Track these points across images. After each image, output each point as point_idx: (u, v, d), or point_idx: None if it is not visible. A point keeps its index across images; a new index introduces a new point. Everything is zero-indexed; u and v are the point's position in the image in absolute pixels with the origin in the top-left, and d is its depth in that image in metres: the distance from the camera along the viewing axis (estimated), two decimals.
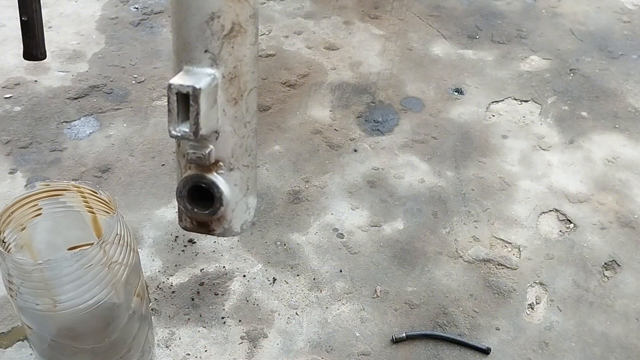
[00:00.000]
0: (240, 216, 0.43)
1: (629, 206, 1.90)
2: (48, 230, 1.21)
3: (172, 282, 1.62)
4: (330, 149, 2.05)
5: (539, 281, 1.68)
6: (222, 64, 0.38)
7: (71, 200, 1.19)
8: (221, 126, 0.39)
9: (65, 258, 1.05)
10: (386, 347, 1.51)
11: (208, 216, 0.41)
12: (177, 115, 0.36)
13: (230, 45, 0.37)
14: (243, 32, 0.38)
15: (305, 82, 2.32)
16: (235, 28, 0.37)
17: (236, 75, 0.38)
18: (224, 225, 0.42)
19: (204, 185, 0.40)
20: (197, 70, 0.37)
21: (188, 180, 0.40)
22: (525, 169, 2.01)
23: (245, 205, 0.43)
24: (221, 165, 0.40)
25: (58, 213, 1.20)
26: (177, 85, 0.35)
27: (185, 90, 0.35)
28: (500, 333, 1.55)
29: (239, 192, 0.41)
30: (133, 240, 1.17)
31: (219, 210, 0.41)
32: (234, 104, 0.39)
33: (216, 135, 0.39)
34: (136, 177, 1.91)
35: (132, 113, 2.14)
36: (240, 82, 0.38)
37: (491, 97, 2.30)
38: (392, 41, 2.55)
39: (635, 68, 2.46)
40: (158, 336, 1.50)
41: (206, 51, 0.37)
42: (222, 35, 0.37)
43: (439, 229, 1.80)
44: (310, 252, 1.71)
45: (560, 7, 2.82)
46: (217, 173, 0.40)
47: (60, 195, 1.18)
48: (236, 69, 0.38)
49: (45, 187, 1.17)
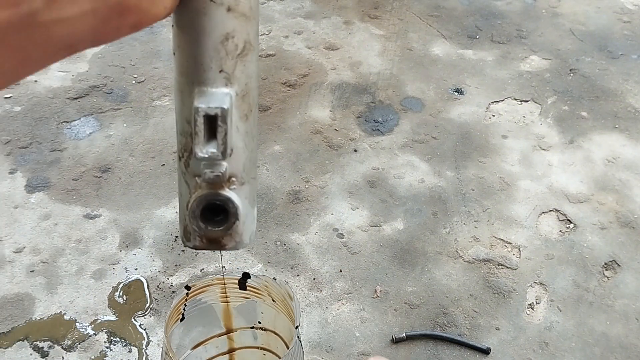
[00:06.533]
0: (249, 227, 0.44)
1: (629, 206, 1.90)
2: (179, 333, 1.11)
3: (172, 282, 1.62)
4: (330, 149, 2.05)
5: (539, 281, 1.68)
6: (236, 83, 0.39)
7: (209, 296, 1.09)
8: (235, 143, 0.39)
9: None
10: (386, 347, 1.51)
11: (222, 232, 0.42)
12: (204, 137, 0.37)
13: (243, 64, 0.38)
14: (252, 49, 0.39)
15: (305, 82, 2.32)
16: (247, 46, 0.38)
17: (247, 92, 0.39)
18: (236, 238, 0.43)
19: (219, 203, 0.41)
20: (213, 91, 0.38)
21: (202, 199, 0.41)
22: (525, 169, 2.01)
23: (252, 217, 0.44)
24: (234, 180, 0.41)
25: (193, 311, 1.09)
26: (205, 108, 0.36)
27: (213, 112, 0.36)
28: (500, 333, 1.55)
29: (248, 204, 0.42)
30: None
31: (234, 225, 0.41)
32: (245, 119, 0.40)
33: (230, 153, 0.40)
34: (136, 177, 1.90)
35: (132, 113, 2.14)
36: (250, 98, 0.39)
37: (491, 97, 2.30)
38: (392, 41, 2.55)
39: (635, 68, 2.46)
40: (158, 336, 1.50)
41: (221, 71, 0.38)
42: (236, 55, 0.38)
43: (439, 229, 1.80)
44: (310, 252, 1.71)
45: (560, 7, 2.81)
46: (229, 189, 0.41)
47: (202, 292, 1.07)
48: (247, 85, 0.39)
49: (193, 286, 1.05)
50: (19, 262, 1.65)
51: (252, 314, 1.12)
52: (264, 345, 1.16)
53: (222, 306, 1.11)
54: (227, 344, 1.16)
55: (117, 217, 1.78)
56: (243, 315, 1.12)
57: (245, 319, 1.13)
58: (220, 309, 1.11)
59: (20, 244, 1.69)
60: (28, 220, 1.76)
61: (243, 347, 1.17)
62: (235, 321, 1.13)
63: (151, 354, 1.47)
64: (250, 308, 1.11)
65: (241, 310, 1.11)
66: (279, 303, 1.08)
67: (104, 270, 1.64)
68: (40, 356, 1.46)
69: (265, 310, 1.11)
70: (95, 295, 1.59)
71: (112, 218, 1.78)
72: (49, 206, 1.80)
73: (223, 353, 1.16)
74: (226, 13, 0.37)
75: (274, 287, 1.06)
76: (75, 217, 1.77)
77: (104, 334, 1.51)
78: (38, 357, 1.46)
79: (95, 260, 1.67)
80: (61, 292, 1.59)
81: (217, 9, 0.36)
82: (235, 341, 1.16)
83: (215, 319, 1.12)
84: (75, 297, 1.58)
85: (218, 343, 1.15)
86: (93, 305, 1.57)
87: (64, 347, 1.48)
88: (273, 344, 1.14)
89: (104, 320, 1.54)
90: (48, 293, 1.58)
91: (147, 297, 1.59)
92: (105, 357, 1.47)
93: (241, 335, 1.15)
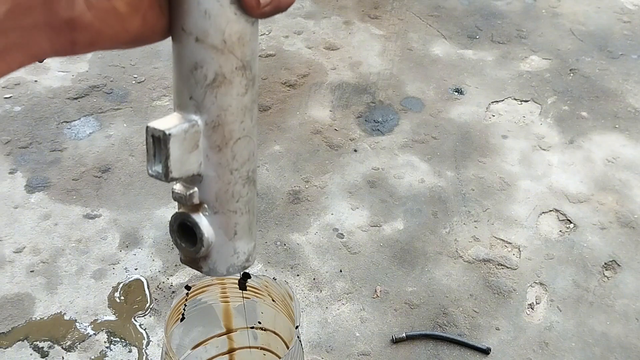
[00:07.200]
0: (227, 259, 0.45)
1: (629, 206, 1.90)
2: (179, 333, 1.10)
3: (172, 282, 1.62)
4: (330, 149, 2.05)
5: (539, 281, 1.68)
6: (205, 112, 0.40)
7: (209, 295, 1.09)
8: (204, 171, 0.41)
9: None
10: (386, 347, 1.51)
11: (193, 253, 0.44)
12: (152, 155, 0.38)
13: (213, 95, 0.39)
14: (228, 82, 0.39)
15: (305, 82, 2.32)
16: (219, 79, 0.39)
17: (219, 124, 0.40)
18: (209, 264, 0.45)
19: (188, 224, 0.43)
20: (181, 115, 0.39)
21: (178, 216, 0.43)
22: (525, 169, 2.01)
23: (232, 250, 0.45)
24: (205, 207, 0.42)
25: (193, 311, 1.09)
26: (152, 128, 0.38)
27: (157, 134, 0.38)
28: (500, 333, 1.55)
29: (223, 235, 0.43)
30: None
31: (200, 249, 0.43)
32: (217, 150, 0.41)
33: (200, 179, 0.41)
34: (136, 177, 1.90)
35: (132, 113, 2.14)
36: (224, 131, 0.40)
37: (491, 97, 2.30)
38: (392, 41, 2.55)
39: (635, 68, 2.46)
40: (158, 336, 1.50)
41: (191, 98, 0.39)
42: (205, 85, 0.39)
43: (439, 229, 1.80)
44: (310, 252, 1.71)
45: (560, 7, 2.81)
46: (202, 214, 0.42)
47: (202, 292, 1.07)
48: (219, 117, 0.40)
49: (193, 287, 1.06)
50: (19, 262, 1.65)
51: (252, 314, 1.12)
52: (264, 345, 1.16)
53: (222, 306, 1.11)
54: (227, 344, 1.16)
55: (117, 217, 1.78)
56: (243, 315, 1.12)
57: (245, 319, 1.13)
58: (220, 309, 1.11)
59: (20, 244, 1.69)
60: (28, 220, 1.76)
61: (243, 347, 1.17)
62: (235, 321, 1.13)
63: (151, 354, 1.47)
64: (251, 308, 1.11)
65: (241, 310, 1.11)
66: (279, 303, 1.08)
67: (104, 270, 1.64)
68: (40, 356, 1.46)
69: (265, 310, 1.11)
70: (95, 295, 1.59)
71: (112, 218, 1.78)
72: (49, 206, 1.80)
73: (223, 353, 1.16)
74: (195, 43, 0.38)
75: (274, 287, 1.06)
76: (75, 217, 1.78)
77: (104, 334, 1.51)
78: (38, 357, 1.46)
79: (95, 260, 1.67)
80: (61, 292, 1.59)
81: (187, 38, 0.38)
82: (235, 341, 1.16)
83: (215, 319, 1.12)
84: (75, 297, 1.58)
85: (218, 343, 1.15)
86: (93, 305, 1.57)
87: (64, 347, 1.48)
88: (273, 344, 1.14)
89: (104, 320, 1.54)
90: (48, 293, 1.58)
91: (147, 297, 1.59)
92: (105, 357, 1.47)
93: (241, 335, 1.15)
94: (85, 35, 0.35)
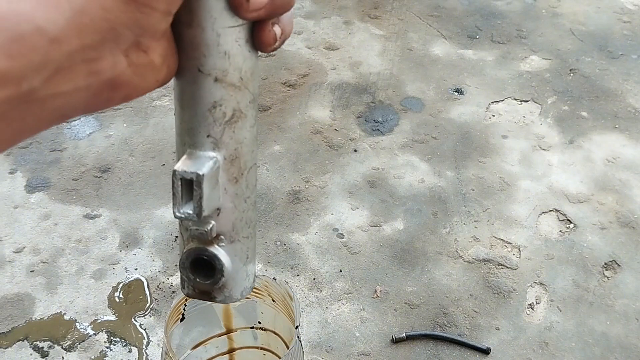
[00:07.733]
0: (240, 284, 0.46)
1: (629, 206, 1.90)
2: (179, 333, 1.10)
3: (172, 282, 1.62)
4: (330, 149, 2.05)
5: (539, 281, 1.68)
6: (224, 147, 0.40)
7: None
8: (222, 203, 0.41)
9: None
10: (386, 347, 1.51)
11: (210, 286, 0.44)
12: (181, 198, 0.38)
13: (232, 130, 0.40)
14: (244, 117, 0.40)
15: (305, 82, 2.32)
16: (236, 114, 0.40)
17: (237, 157, 0.40)
18: (225, 293, 0.45)
19: (206, 258, 0.43)
20: (199, 154, 0.40)
21: (191, 252, 0.43)
22: (525, 169, 2.01)
23: (245, 274, 0.45)
24: (222, 238, 0.42)
25: (193, 311, 1.09)
26: (182, 172, 0.38)
27: (189, 177, 0.38)
28: (500, 333, 1.55)
29: (239, 262, 0.44)
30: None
31: (220, 280, 0.43)
32: (234, 182, 0.42)
33: (218, 212, 0.41)
34: (136, 177, 1.91)
35: (132, 113, 2.14)
36: (240, 162, 0.41)
37: (491, 97, 2.30)
38: (392, 41, 2.55)
39: (635, 68, 2.46)
40: (158, 336, 1.50)
41: (208, 136, 0.40)
42: (224, 122, 0.39)
43: (439, 229, 1.80)
44: (310, 252, 1.71)
45: (560, 7, 2.82)
46: (218, 246, 0.43)
47: None
48: (237, 150, 0.40)
49: None
50: (19, 262, 1.65)
51: (252, 314, 1.12)
52: (264, 345, 1.16)
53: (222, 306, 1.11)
54: (227, 344, 1.16)
55: (117, 217, 1.78)
56: (243, 315, 1.12)
57: (245, 319, 1.13)
58: (220, 309, 1.12)
59: (20, 244, 1.69)
60: (28, 220, 1.76)
61: (243, 347, 1.17)
62: (235, 321, 1.13)
63: (151, 354, 1.48)
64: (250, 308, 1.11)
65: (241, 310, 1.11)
66: (279, 303, 1.08)
67: (104, 270, 1.64)
68: (40, 356, 1.46)
69: (265, 310, 1.11)
70: (95, 295, 1.59)
71: (112, 218, 1.78)
72: (49, 206, 1.80)
73: (223, 353, 1.16)
74: (214, 83, 0.38)
75: (274, 287, 1.06)
76: (75, 217, 1.78)
77: (104, 334, 1.51)
78: (38, 357, 1.46)
79: (95, 260, 1.67)
80: (61, 292, 1.59)
81: (205, 79, 0.38)
82: (235, 341, 1.16)
83: (215, 319, 1.12)
84: (75, 297, 1.58)
85: (218, 343, 1.15)
86: (93, 305, 1.57)
87: (64, 347, 1.48)
88: (273, 344, 1.14)
89: (104, 320, 1.54)
90: (48, 293, 1.59)
91: (147, 297, 1.59)
92: (105, 357, 1.47)
93: (241, 335, 1.15)
94: (122, 92, 0.35)
